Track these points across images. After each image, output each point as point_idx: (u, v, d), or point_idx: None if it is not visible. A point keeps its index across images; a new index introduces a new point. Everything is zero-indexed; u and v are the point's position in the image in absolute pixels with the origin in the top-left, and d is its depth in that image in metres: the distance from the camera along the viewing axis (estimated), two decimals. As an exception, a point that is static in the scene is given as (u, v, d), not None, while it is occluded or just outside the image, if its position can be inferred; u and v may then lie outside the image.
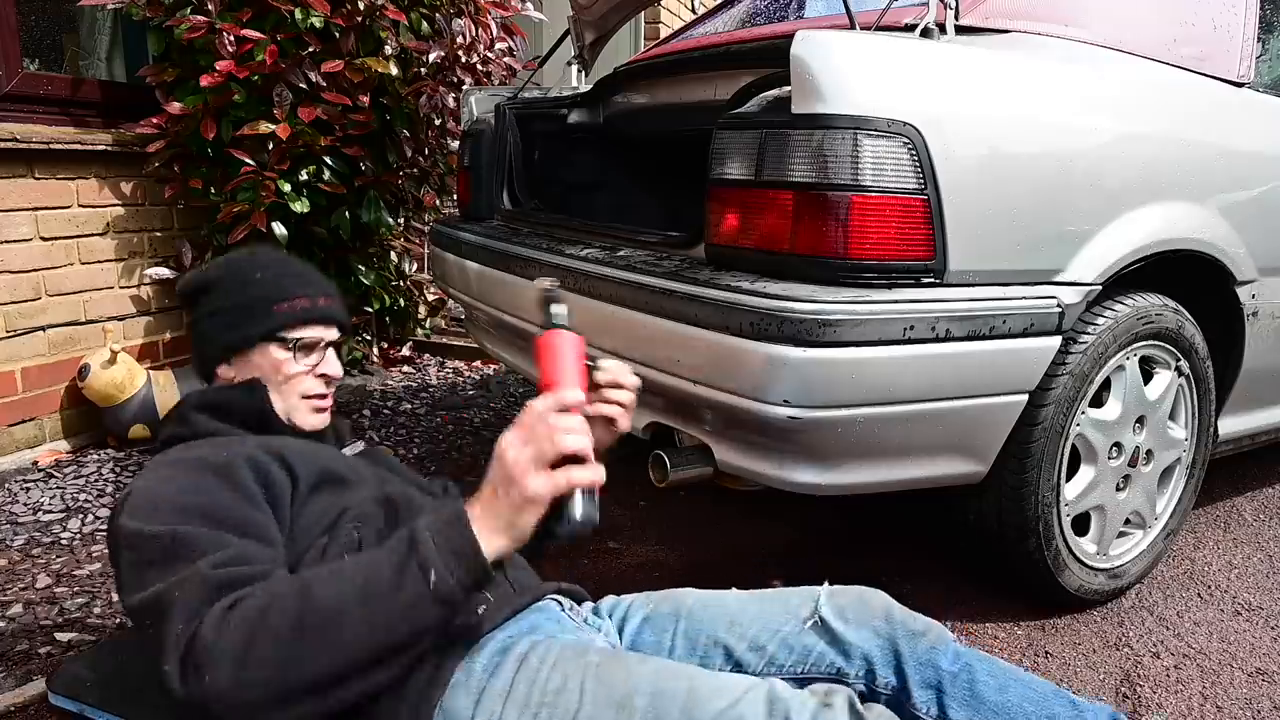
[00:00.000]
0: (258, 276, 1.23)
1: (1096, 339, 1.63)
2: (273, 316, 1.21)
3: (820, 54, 1.39)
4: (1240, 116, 1.92)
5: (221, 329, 1.22)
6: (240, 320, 1.22)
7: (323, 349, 1.26)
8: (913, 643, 1.09)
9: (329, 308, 1.26)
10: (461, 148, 2.61)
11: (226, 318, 1.22)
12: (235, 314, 1.22)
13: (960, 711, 1.06)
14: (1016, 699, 1.07)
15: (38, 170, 2.50)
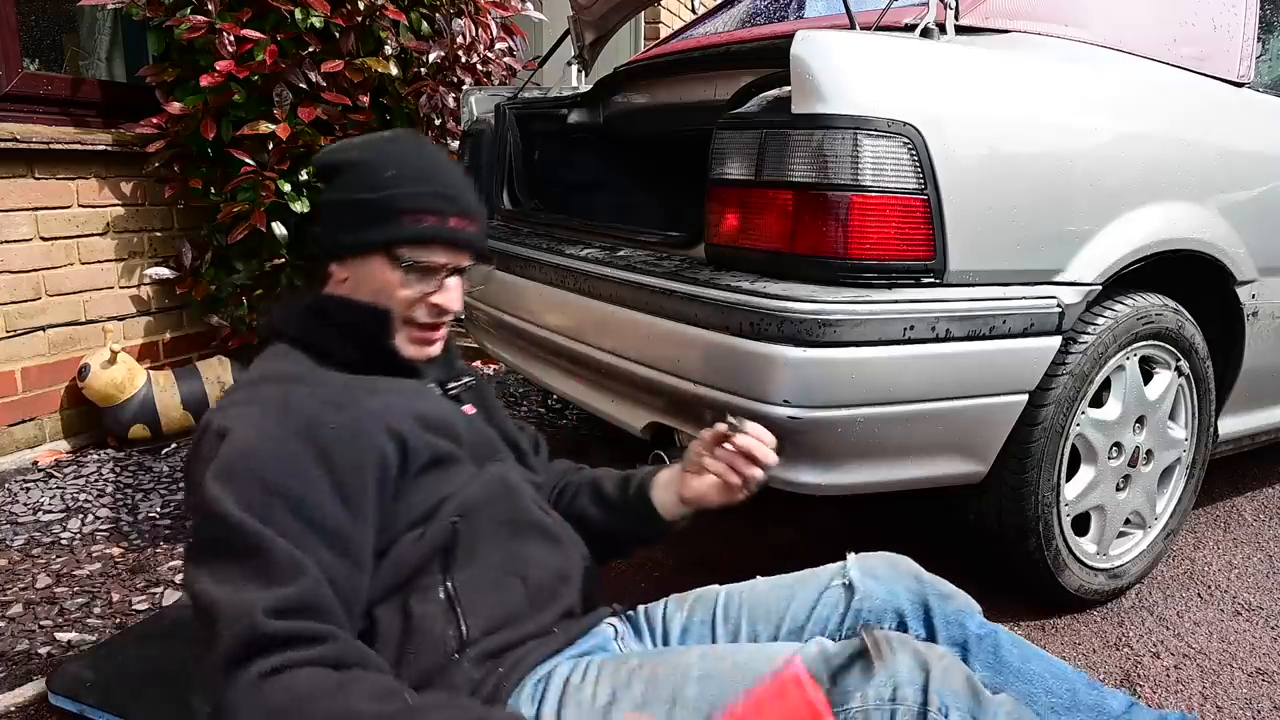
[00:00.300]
0: (389, 175, 1.05)
1: (1096, 339, 1.63)
2: (392, 227, 1.05)
3: (820, 54, 1.39)
4: (1240, 116, 1.92)
5: (337, 223, 1.08)
6: (357, 221, 1.06)
7: (443, 276, 1.08)
8: (942, 603, 1.10)
9: (459, 231, 1.08)
10: (461, 148, 2.61)
11: (345, 213, 1.07)
12: (355, 212, 1.06)
13: (983, 672, 1.07)
14: (1037, 669, 1.09)
15: (38, 170, 2.50)
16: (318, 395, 0.97)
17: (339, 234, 1.07)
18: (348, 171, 1.08)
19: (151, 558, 1.98)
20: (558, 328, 1.90)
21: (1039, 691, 1.07)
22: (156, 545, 2.04)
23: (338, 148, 1.11)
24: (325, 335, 1.06)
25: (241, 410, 0.94)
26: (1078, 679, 1.10)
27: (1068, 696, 1.08)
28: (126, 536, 2.08)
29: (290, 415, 0.93)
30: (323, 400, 0.96)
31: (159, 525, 2.14)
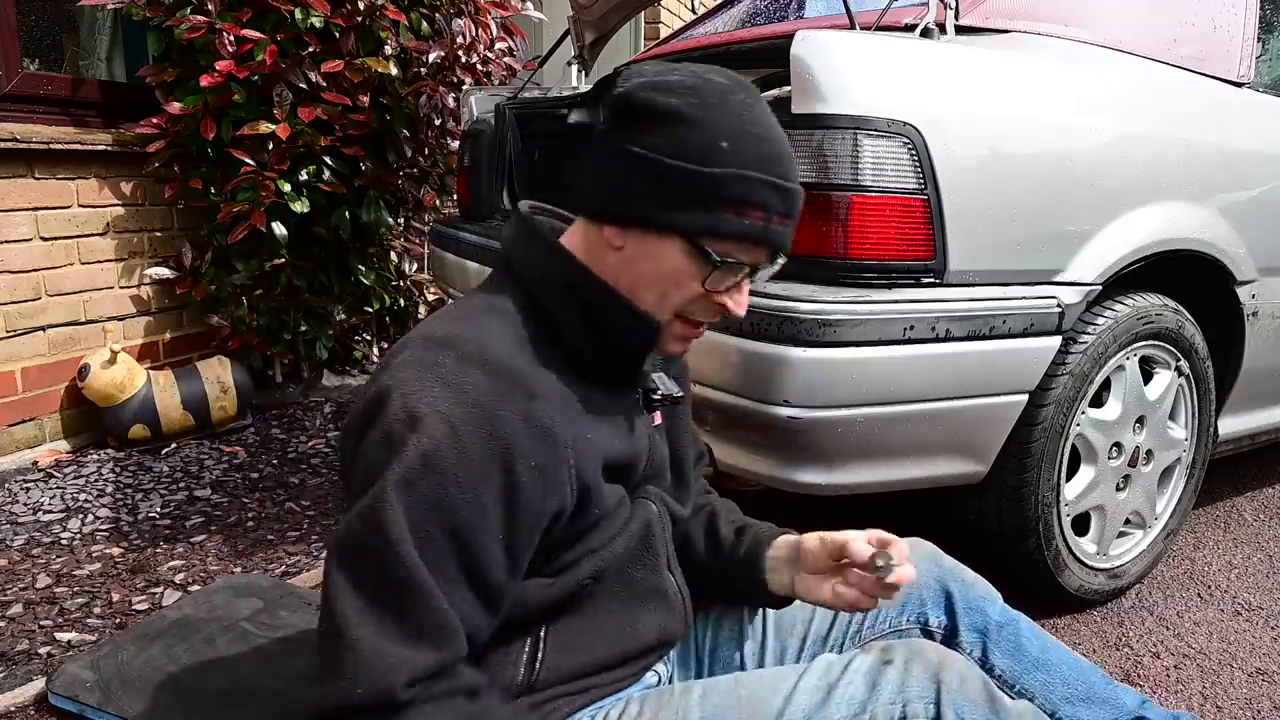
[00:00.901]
0: (724, 147, 0.83)
1: (1096, 339, 1.63)
2: (712, 217, 0.84)
3: (820, 54, 1.39)
4: (1240, 116, 1.92)
5: (641, 187, 0.85)
6: (670, 196, 0.84)
7: (742, 276, 0.90)
8: (964, 589, 1.10)
9: (784, 232, 0.89)
10: (461, 148, 2.61)
11: (657, 180, 0.84)
12: (671, 183, 0.84)
13: (1003, 660, 1.08)
14: (1056, 659, 1.09)
15: (38, 170, 2.50)
16: (530, 417, 0.80)
17: (639, 200, 0.85)
18: (671, 125, 0.83)
19: (151, 558, 1.98)
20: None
21: (1056, 682, 1.08)
22: (156, 545, 2.04)
23: (657, 85, 0.84)
24: (566, 320, 0.88)
25: (440, 396, 0.78)
26: (1094, 673, 1.10)
27: (1084, 689, 1.08)
28: (126, 536, 2.08)
29: (492, 434, 0.78)
30: (531, 425, 0.80)
31: (159, 525, 2.14)
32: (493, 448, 0.77)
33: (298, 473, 2.49)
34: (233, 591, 1.71)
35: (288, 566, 1.96)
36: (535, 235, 0.91)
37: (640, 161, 0.84)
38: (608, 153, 0.87)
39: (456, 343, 0.81)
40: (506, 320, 0.86)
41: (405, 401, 0.78)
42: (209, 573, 1.92)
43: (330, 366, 3.35)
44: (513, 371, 0.81)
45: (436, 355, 0.80)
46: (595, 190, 0.89)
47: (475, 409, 0.78)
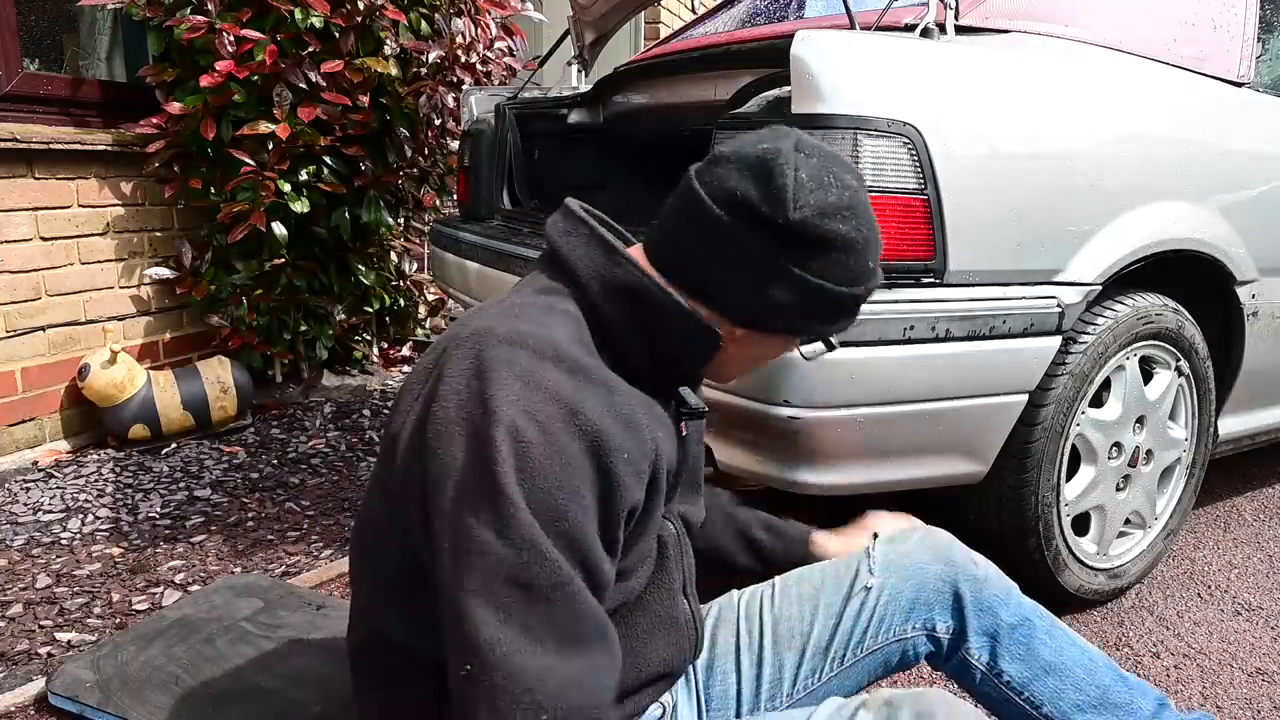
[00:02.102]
0: (871, 266, 0.87)
1: (1096, 339, 1.63)
2: (840, 325, 0.91)
3: (820, 54, 1.39)
4: (1240, 116, 1.92)
5: (799, 308, 0.86)
6: (824, 314, 0.88)
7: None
8: (975, 588, 1.08)
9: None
10: (461, 148, 2.61)
11: (818, 302, 0.86)
12: (828, 305, 0.86)
13: (1012, 665, 1.06)
14: (1069, 661, 1.07)
15: (38, 170, 2.50)
16: (615, 409, 0.79)
17: (794, 319, 0.87)
18: (840, 253, 0.84)
19: (151, 558, 1.98)
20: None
21: (1068, 688, 1.05)
22: (156, 545, 2.04)
23: (826, 210, 0.83)
24: (624, 327, 0.87)
25: (522, 395, 0.75)
26: (1110, 674, 1.07)
27: (1097, 694, 1.05)
28: (126, 536, 2.08)
29: (582, 429, 0.76)
30: (617, 416, 0.79)
31: (159, 525, 2.14)
32: (585, 443, 0.76)
33: (298, 473, 2.49)
34: (233, 591, 1.71)
35: (288, 566, 1.96)
36: (596, 239, 0.89)
37: (804, 285, 0.85)
38: (769, 271, 0.84)
39: (526, 340, 0.79)
40: (568, 320, 0.84)
41: (487, 403, 0.75)
42: (209, 573, 1.92)
43: (330, 366, 3.35)
44: (587, 367, 0.80)
45: (509, 353, 0.78)
46: (745, 301, 0.87)
47: (561, 405, 0.76)
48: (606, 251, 0.88)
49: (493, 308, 0.86)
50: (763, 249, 0.83)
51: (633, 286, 0.86)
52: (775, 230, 0.82)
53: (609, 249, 0.88)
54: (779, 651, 1.09)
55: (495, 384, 0.76)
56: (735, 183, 0.84)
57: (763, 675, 1.08)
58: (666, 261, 0.88)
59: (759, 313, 0.87)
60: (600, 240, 0.89)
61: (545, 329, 0.81)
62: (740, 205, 0.83)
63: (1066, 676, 1.06)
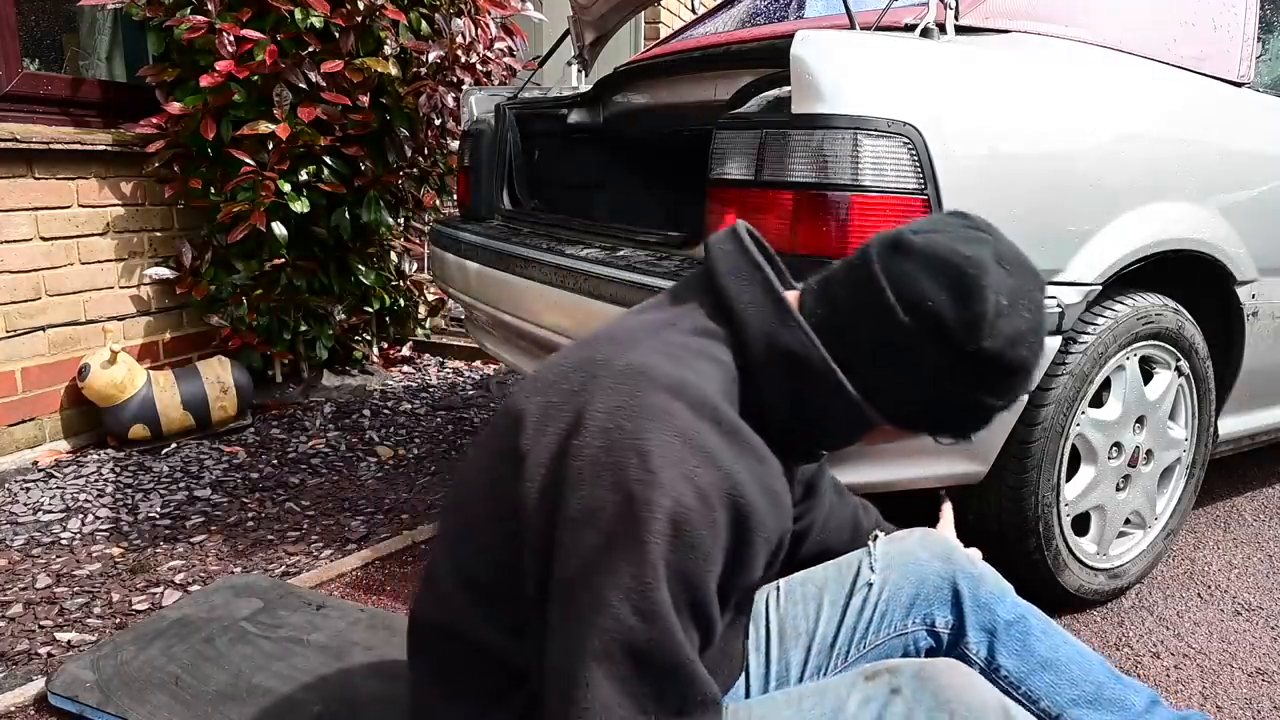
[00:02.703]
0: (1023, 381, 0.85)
1: (1096, 339, 1.63)
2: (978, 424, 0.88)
3: (820, 54, 1.39)
4: (1240, 116, 1.92)
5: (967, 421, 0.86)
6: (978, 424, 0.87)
7: None
8: (972, 585, 1.10)
9: None
10: (461, 148, 2.61)
11: (984, 415, 0.86)
12: (984, 418, 0.86)
13: (1009, 660, 1.07)
14: (1065, 658, 1.08)
15: (38, 170, 2.50)
16: (764, 484, 0.77)
17: (956, 427, 0.86)
18: (1018, 376, 0.83)
19: (151, 558, 1.98)
20: (558, 328, 1.90)
21: (1063, 684, 1.07)
22: (156, 545, 2.04)
23: (1018, 339, 0.80)
24: (780, 397, 0.83)
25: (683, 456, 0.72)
26: (1103, 672, 1.09)
27: (1091, 690, 1.07)
28: (126, 536, 2.08)
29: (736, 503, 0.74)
30: (767, 493, 0.77)
31: (159, 525, 2.14)
32: (733, 515, 0.73)
33: (298, 473, 2.49)
34: (233, 591, 1.71)
35: (288, 566, 1.96)
36: (769, 291, 0.83)
37: (976, 404, 0.84)
38: (944, 389, 0.82)
39: (685, 392, 0.75)
40: (721, 371, 0.80)
41: (645, 458, 0.71)
42: (209, 573, 1.92)
43: (330, 366, 3.35)
44: (742, 432, 0.77)
45: (666, 403, 0.74)
46: (908, 407, 0.85)
47: (720, 474, 0.72)
48: (779, 309, 0.83)
49: (645, 336, 0.82)
50: (944, 367, 0.80)
51: (800, 356, 0.81)
52: (963, 355, 0.79)
53: (782, 307, 0.83)
54: (785, 649, 1.10)
55: (653, 438, 0.72)
56: (928, 290, 0.79)
57: (770, 673, 1.09)
58: (830, 336, 0.83)
59: (920, 421, 0.85)
60: (773, 293, 0.83)
61: (704, 380, 0.77)
62: (930, 318, 0.79)
63: (1062, 672, 1.07)
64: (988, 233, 0.83)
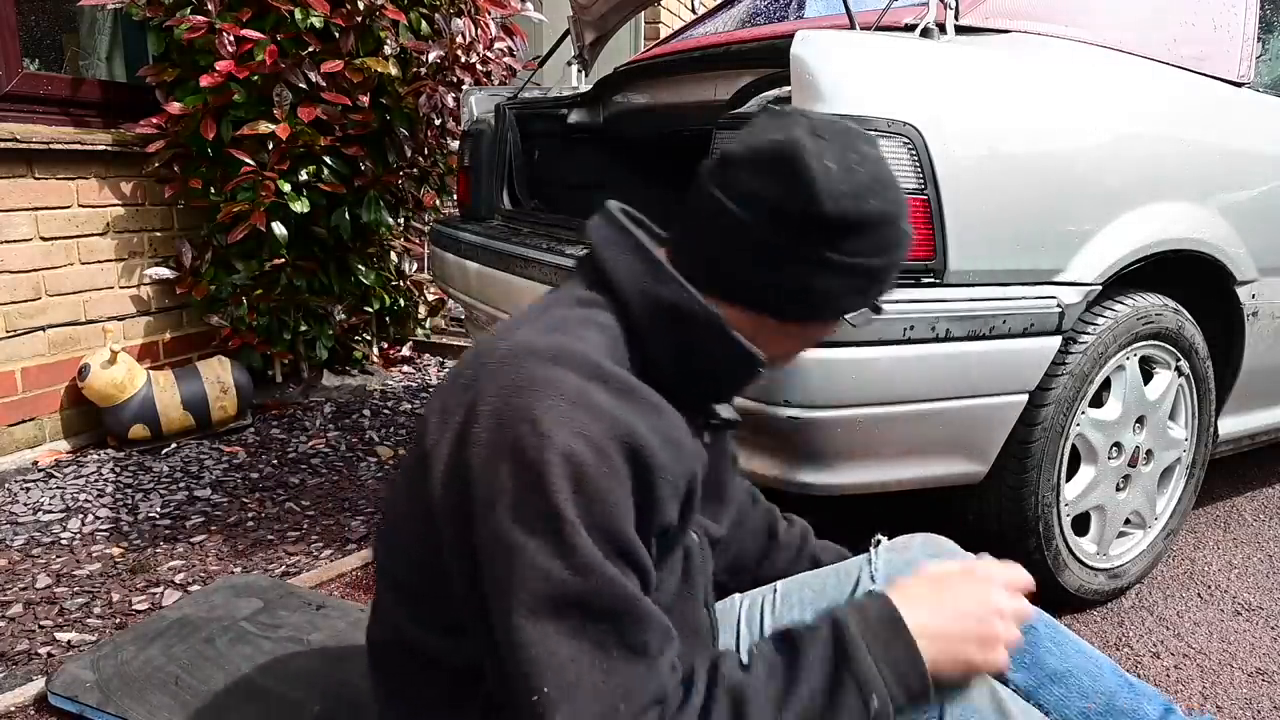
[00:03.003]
0: (905, 229, 0.85)
1: (1096, 339, 1.63)
2: (869, 297, 0.87)
3: (820, 54, 1.39)
4: (1240, 116, 1.92)
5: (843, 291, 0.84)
6: (869, 289, 0.86)
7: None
8: None
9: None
10: (461, 148, 2.61)
11: (861, 280, 0.84)
12: (871, 280, 0.85)
13: (1017, 673, 1.04)
14: (1075, 668, 1.05)
15: (38, 170, 2.50)
16: (661, 431, 0.78)
17: (839, 301, 0.85)
18: (872, 229, 0.82)
19: (151, 558, 1.98)
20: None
21: (1073, 696, 1.04)
22: (156, 545, 2.04)
23: (850, 192, 0.80)
24: (660, 345, 0.84)
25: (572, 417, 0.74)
26: (1116, 680, 1.06)
27: (1103, 701, 1.04)
28: (126, 536, 2.08)
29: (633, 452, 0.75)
30: (664, 439, 0.78)
31: (159, 525, 2.14)
32: (633, 464, 0.75)
33: (298, 473, 2.49)
34: (233, 591, 1.71)
35: (288, 566, 1.96)
36: (641, 251, 0.86)
37: (851, 269, 0.82)
38: (812, 266, 0.81)
39: (569, 358, 0.77)
40: (605, 334, 0.82)
41: (535, 424, 0.73)
42: (209, 573, 1.92)
43: (330, 366, 3.35)
44: (632, 385, 0.78)
45: (553, 372, 0.76)
46: (793, 300, 0.84)
47: (611, 426, 0.74)
48: (650, 266, 0.85)
49: (530, 320, 0.84)
50: (803, 246, 0.81)
51: (677, 306, 0.83)
52: (813, 226, 0.79)
53: (653, 263, 0.85)
54: None
55: (541, 404, 0.74)
56: (757, 184, 0.80)
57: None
58: (699, 272, 0.85)
59: (810, 306, 0.84)
60: (644, 253, 0.85)
61: (586, 344, 0.79)
62: (769, 208, 0.80)
63: (1072, 684, 1.04)
64: (798, 113, 0.84)
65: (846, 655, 0.77)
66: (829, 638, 0.79)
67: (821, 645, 0.79)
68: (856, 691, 0.76)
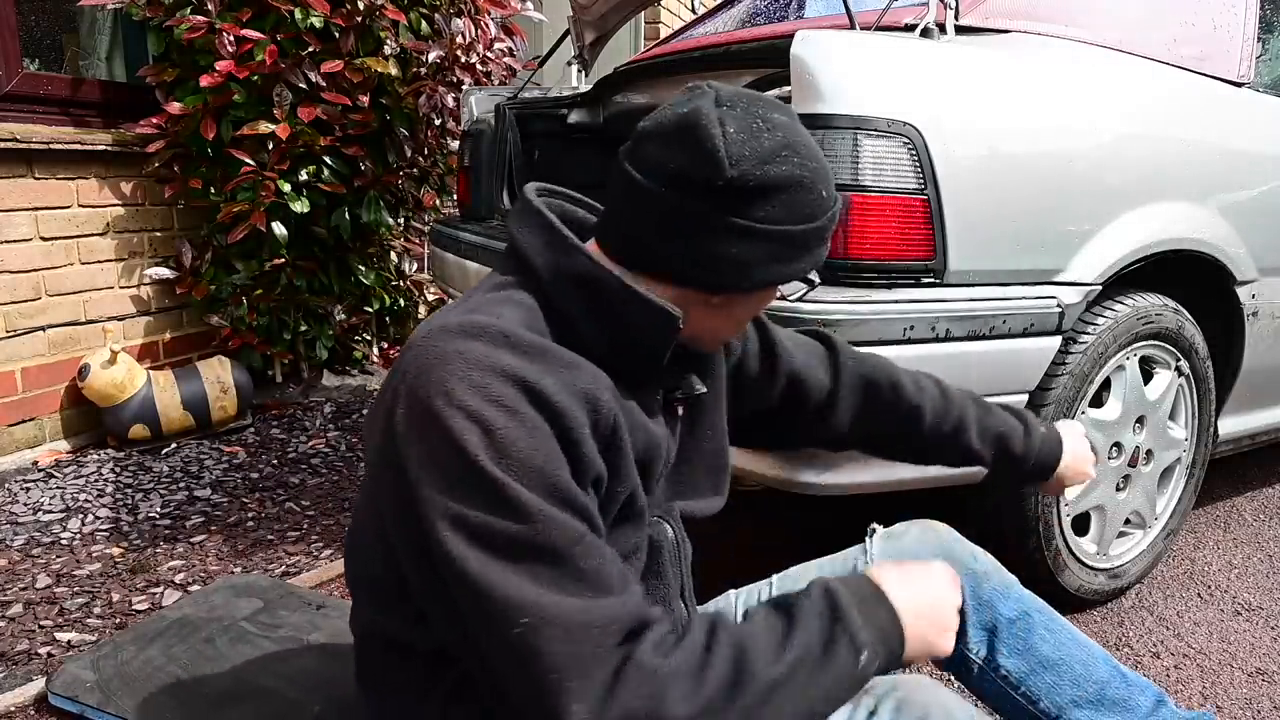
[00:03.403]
0: (825, 194, 0.85)
1: (1096, 339, 1.63)
2: (812, 257, 0.86)
3: (820, 54, 1.39)
4: (1240, 116, 1.92)
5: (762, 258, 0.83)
6: (788, 255, 0.84)
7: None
8: (974, 583, 1.08)
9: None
10: (461, 148, 2.61)
11: (779, 246, 0.83)
12: (789, 246, 0.83)
13: (1009, 659, 1.06)
14: (1068, 657, 1.06)
15: (38, 170, 2.50)
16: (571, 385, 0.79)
17: (757, 270, 0.83)
18: (788, 193, 0.81)
19: (151, 558, 1.98)
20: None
21: (1065, 684, 1.06)
22: (156, 545, 2.04)
23: (759, 157, 0.80)
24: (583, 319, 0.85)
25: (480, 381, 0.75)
26: (1108, 670, 1.07)
27: (1094, 690, 1.06)
28: (126, 536, 2.08)
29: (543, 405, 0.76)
30: (574, 392, 0.78)
31: (159, 525, 2.14)
32: (549, 418, 0.76)
33: (298, 473, 2.49)
34: (233, 591, 1.71)
35: (288, 566, 1.96)
36: (547, 227, 0.87)
37: (765, 235, 0.82)
38: (724, 233, 0.81)
39: (479, 330, 0.78)
40: (521, 308, 0.83)
41: (449, 395, 0.75)
42: (209, 573, 1.92)
43: (330, 366, 3.35)
44: (543, 346, 0.79)
45: (462, 344, 0.77)
46: (710, 269, 0.83)
47: (518, 384, 0.75)
48: (555, 240, 0.86)
49: (452, 308, 0.86)
50: (710, 213, 0.81)
51: (581, 274, 0.84)
52: (717, 192, 0.79)
53: (558, 237, 0.86)
54: None
55: (452, 375, 0.75)
56: (664, 155, 0.81)
57: None
58: (620, 249, 0.86)
59: (727, 275, 0.83)
60: (550, 229, 0.86)
61: (498, 318, 0.80)
62: (675, 177, 0.80)
63: (1064, 672, 1.06)
64: (709, 87, 0.84)
65: (839, 613, 0.82)
66: (822, 597, 0.83)
67: (815, 603, 0.83)
68: (849, 644, 0.80)
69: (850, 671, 0.80)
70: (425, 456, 0.75)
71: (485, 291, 0.87)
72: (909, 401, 1.19)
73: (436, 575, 0.77)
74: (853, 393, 1.19)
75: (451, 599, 0.76)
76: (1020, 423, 1.24)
